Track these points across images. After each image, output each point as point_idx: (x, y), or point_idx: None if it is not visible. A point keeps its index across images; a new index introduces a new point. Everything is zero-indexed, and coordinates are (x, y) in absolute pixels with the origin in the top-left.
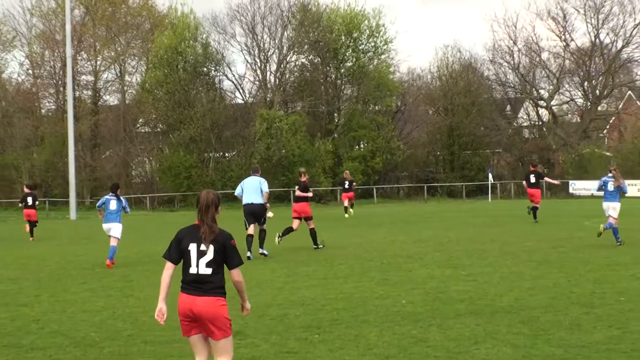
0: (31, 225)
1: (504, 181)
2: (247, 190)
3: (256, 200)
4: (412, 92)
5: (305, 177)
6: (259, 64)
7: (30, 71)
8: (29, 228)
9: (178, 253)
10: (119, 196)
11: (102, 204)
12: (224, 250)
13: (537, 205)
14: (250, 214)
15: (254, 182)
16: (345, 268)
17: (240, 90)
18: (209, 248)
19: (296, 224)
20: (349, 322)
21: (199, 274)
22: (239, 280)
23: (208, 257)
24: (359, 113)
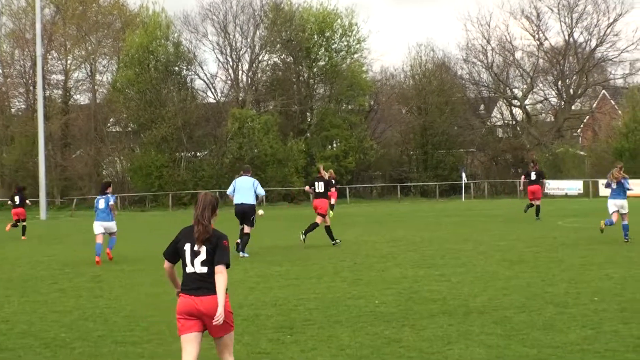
0: (21, 223)
1: (478, 181)
2: (239, 190)
3: (247, 201)
4: (385, 92)
5: (328, 173)
6: (230, 63)
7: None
8: (18, 226)
9: (175, 252)
10: (108, 195)
11: (96, 207)
12: (215, 250)
13: (538, 202)
14: (241, 214)
15: (247, 183)
16: (318, 268)
17: (212, 90)
18: (202, 248)
19: (320, 219)
20: (321, 323)
21: (196, 272)
22: (219, 276)
23: (202, 257)
24: (332, 112)
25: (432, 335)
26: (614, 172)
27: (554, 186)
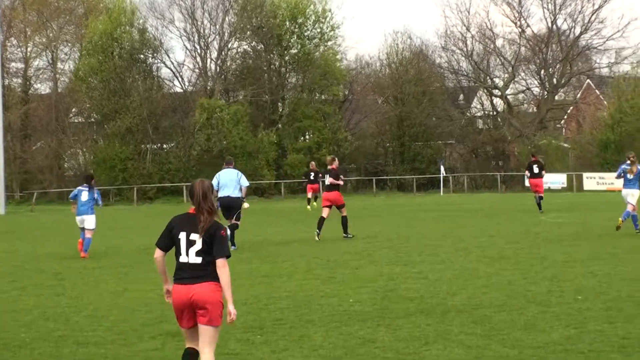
0: None
1: (457, 174)
2: (224, 183)
3: (233, 194)
4: (360, 81)
5: (335, 163)
6: (198, 51)
7: None
8: None
9: (169, 240)
10: (92, 187)
11: (75, 196)
12: (212, 240)
13: (541, 195)
14: (226, 207)
15: (231, 175)
16: (290, 265)
17: (179, 79)
18: (199, 238)
19: (326, 213)
20: (293, 322)
21: (189, 262)
22: (223, 271)
23: (197, 246)
24: (304, 102)
25: (409, 335)
26: (633, 167)
27: None
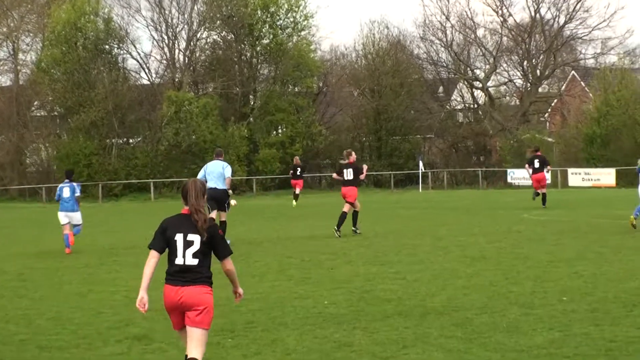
0: None
1: (436, 170)
2: (211, 175)
3: (219, 186)
4: (335, 72)
5: (353, 157)
6: (166, 41)
7: None
8: None
9: (163, 242)
10: (72, 182)
11: (59, 196)
12: (211, 241)
13: (544, 191)
14: (213, 199)
15: (218, 167)
16: (262, 265)
17: (146, 70)
18: (196, 238)
19: (348, 207)
20: (265, 325)
21: (185, 264)
22: (231, 269)
23: (195, 247)
24: (277, 95)
25: (386, 338)
26: None
27: (519, 175)
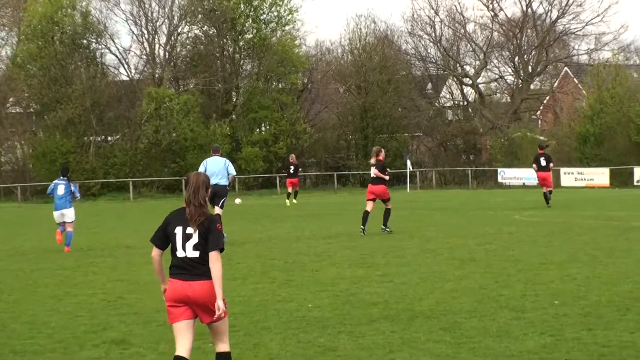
0: None
1: (425, 169)
2: (211, 170)
3: (221, 182)
4: (320, 68)
5: (382, 155)
6: (146, 36)
7: None
8: None
9: (164, 237)
10: (69, 179)
11: (52, 191)
12: (207, 234)
13: (550, 189)
14: (213, 195)
15: (219, 163)
16: (244, 267)
17: (125, 66)
18: (195, 231)
19: (370, 206)
20: (247, 329)
21: (187, 257)
22: (216, 265)
23: (194, 240)
24: (260, 91)
25: (372, 343)
26: None
27: (510, 175)
